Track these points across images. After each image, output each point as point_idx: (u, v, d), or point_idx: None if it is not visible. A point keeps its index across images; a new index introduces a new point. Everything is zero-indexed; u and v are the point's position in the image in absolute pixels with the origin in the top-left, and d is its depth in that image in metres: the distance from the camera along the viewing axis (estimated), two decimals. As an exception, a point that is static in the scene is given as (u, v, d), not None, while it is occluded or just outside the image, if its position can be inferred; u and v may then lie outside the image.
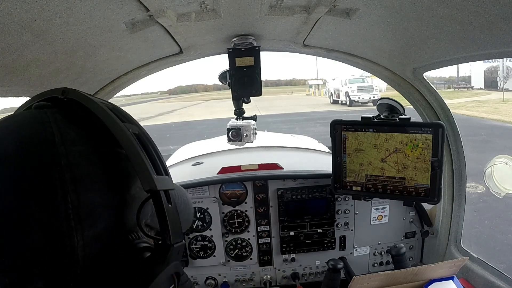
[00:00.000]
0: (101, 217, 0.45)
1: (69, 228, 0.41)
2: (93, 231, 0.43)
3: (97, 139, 0.47)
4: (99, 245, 0.44)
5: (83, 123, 0.47)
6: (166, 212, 0.46)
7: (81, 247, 0.42)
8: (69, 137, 0.44)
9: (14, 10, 0.71)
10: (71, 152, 0.43)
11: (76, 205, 0.42)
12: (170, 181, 0.50)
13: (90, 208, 0.43)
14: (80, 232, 0.42)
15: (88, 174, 0.44)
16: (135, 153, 0.45)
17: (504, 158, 1.46)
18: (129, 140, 0.46)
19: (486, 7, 0.81)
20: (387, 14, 1.01)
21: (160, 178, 0.47)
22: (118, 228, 0.47)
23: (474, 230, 4.55)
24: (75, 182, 0.42)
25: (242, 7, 1.06)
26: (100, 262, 0.44)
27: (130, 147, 0.46)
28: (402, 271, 1.23)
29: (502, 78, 25.68)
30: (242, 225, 1.80)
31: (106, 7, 0.84)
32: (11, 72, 0.93)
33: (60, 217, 0.41)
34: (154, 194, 0.46)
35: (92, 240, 0.43)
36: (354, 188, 1.53)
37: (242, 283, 1.86)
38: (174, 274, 0.49)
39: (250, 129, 1.65)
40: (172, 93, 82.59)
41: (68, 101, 0.49)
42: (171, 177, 0.52)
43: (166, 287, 0.47)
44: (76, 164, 0.43)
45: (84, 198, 0.43)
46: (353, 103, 21.89)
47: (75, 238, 0.42)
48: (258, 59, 1.45)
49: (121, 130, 0.46)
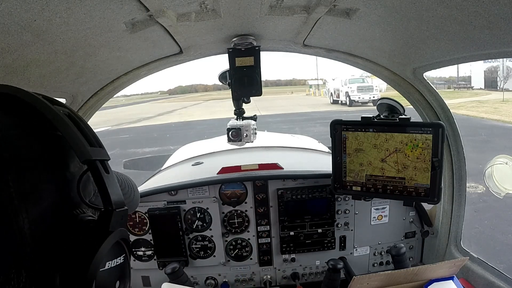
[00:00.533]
0: (44, 194, 0.46)
1: (13, 207, 0.42)
2: (37, 208, 0.44)
3: (32, 124, 0.49)
4: (46, 223, 0.45)
5: (18, 112, 0.49)
6: (104, 179, 0.48)
7: (27, 225, 0.43)
8: (4, 123, 0.46)
9: (14, 10, 0.71)
10: (8, 136, 0.45)
11: (17, 184, 0.43)
12: (106, 153, 0.53)
13: (32, 186, 0.45)
14: (25, 210, 0.43)
15: (26, 154, 0.46)
16: (67, 129, 0.48)
17: (504, 158, 1.46)
18: (60, 118, 0.49)
19: (486, 7, 0.81)
20: (387, 14, 1.01)
21: (94, 149, 0.49)
22: (62, 205, 0.48)
23: (474, 230, 4.55)
24: (14, 162, 0.44)
25: (242, 7, 1.06)
26: (48, 239, 0.45)
27: (62, 124, 0.48)
28: (402, 271, 1.23)
29: (502, 78, 25.70)
30: (242, 225, 1.80)
31: (106, 7, 0.84)
32: (11, 72, 0.93)
33: (3, 196, 0.42)
34: (90, 164, 0.48)
35: (38, 218, 0.44)
36: (354, 188, 1.53)
37: (242, 283, 1.86)
38: (122, 241, 0.50)
39: (250, 129, 1.65)
40: (172, 93, 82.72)
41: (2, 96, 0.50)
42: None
43: (115, 255, 0.49)
44: (13, 146, 0.45)
45: (25, 177, 0.44)
46: (353, 103, 21.91)
47: (20, 216, 0.42)
48: (258, 59, 1.45)
49: (52, 111, 0.49)
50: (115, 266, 0.49)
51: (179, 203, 1.74)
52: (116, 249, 0.49)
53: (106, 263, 0.47)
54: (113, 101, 35.31)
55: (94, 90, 1.49)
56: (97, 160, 0.49)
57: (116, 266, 0.49)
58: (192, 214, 1.76)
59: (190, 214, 1.76)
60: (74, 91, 1.35)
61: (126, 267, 0.52)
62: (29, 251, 0.43)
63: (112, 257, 0.48)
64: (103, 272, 0.46)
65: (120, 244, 0.50)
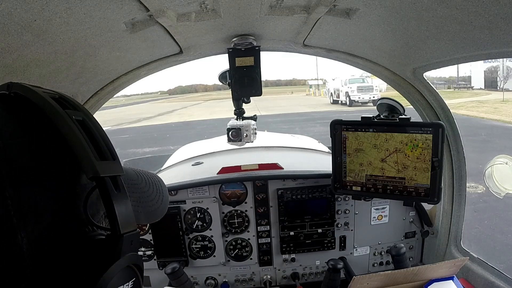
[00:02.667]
0: (46, 211, 0.42)
1: (11, 225, 0.39)
2: (38, 226, 0.41)
3: (39, 130, 0.45)
4: (47, 242, 0.42)
5: (25, 116, 0.45)
6: (113, 199, 0.44)
7: (26, 245, 0.40)
8: (7, 130, 0.42)
9: (14, 10, 0.71)
10: (9, 145, 0.41)
11: (16, 201, 0.39)
12: (118, 166, 0.47)
13: (33, 202, 0.41)
14: (24, 229, 0.40)
15: (28, 167, 0.42)
16: (74, 138, 0.43)
17: (504, 158, 1.46)
18: (67, 125, 0.44)
19: (486, 7, 0.81)
20: (387, 14, 1.01)
21: (104, 164, 0.45)
22: (69, 222, 0.45)
23: (474, 230, 4.55)
24: (14, 177, 0.40)
25: (242, 7, 1.06)
26: (50, 260, 0.42)
27: (69, 133, 0.44)
28: (402, 271, 1.23)
29: (502, 78, 25.69)
30: (242, 225, 1.80)
31: (106, 7, 0.84)
32: (11, 72, 0.93)
33: (0, 213, 0.39)
34: (98, 181, 0.44)
35: (38, 237, 0.41)
36: (354, 188, 1.53)
37: (242, 283, 1.86)
38: (134, 266, 0.46)
39: (250, 129, 1.65)
40: (172, 93, 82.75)
41: (14, 95, 0.47)
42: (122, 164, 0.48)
43: (124, 281, 0.45)
44: (14, 157, 0.41)
45: (25, 193, 0.40)
46: (353, 103, 21.90)
47: (19, 235, 0.39)
48: (258, 59, 1.45)
49: (60, 116, 0.44)
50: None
51: (179, 203, 1.74)
52: (126, 274, 0.45)
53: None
54: (113, 101, 35.30)
55: (94, 90, 1.48)
56: (106, 177, 0.44)
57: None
58: (192, 214, 1.76)
59: (190, 214, 1.76)
60: (74, 91, 1.35)
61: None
62: (28, 273, 0.40)
63: (120, 283, 0.44)
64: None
65: (131, 269, 0.46)
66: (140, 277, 0.48)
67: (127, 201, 0.46)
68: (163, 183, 0.71)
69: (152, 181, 0.67)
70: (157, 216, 0.67)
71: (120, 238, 0.43)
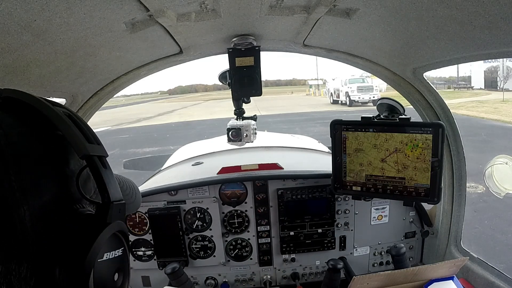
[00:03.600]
0: (45, 189, 0.48)
1: (15, 199, 0.44)
2: (38, 202, 0.46)
3: (34, 123, 0.51)
4: (46, 216, 0.47)
5: (20, 113, 0.51)
6: (102, 173, 0.50)
7: (29, 217, 0.45)
8: (7, 122, 0.48)
9: (14, 10, 0.71)
10: (10, 133, 0.47)
11: (19, 178, 0.45)
12: (103, 150, 0.55)
13: (34, 180, 0.46)
14: (26, 203, 0.44)
15: (28, 150, 0.48)
16: (66, 127, 0.50)
17: (504, 158, 1.46)
18: (60, 117, 0.51)
19: (486, 7, 0.81)
20: (387, 14, 1.01)
21: (92, 146, 0.52)
22: (62, 199, 0.50)
23: (474, 230, 4.55)
24: (16, 158, 0.45)
25: (242, 7, 1.06)
26: (49, 232, 0.47)
27: (61, 123, 0.51)
28: (402, 271, 1.23)
29: (502, 78, 25.69)
30: (242, 225, 1.80)
31: (106, 7, 0.84)
32: (11, 72, 0.93)
33: (5, 189, 0.43)
34: (88, 160, 0.50)
35: (38, 211, 0.46)
36: (354, 188, 1.53)
37: (242, 283, 1.86)
38: (120, 234, 0.51)
39: (250, 129, 1.65)
40: (172, 93, 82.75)
41: (4, 99, 0.52)
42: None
43: (113, 247, 0.50)
44: (16, 142, 0.47)
45: (27, 172, 0.46)
46: (353, 103, 21.90)
47: (22, 208, 0.44)
48: (258, 59, 1.45)
49: (52, 111, 0.51)
50: (114, 258, 0.50)
51: (179, 203, 1.74)
52: (115, 242, 0.50)
53: (104, 254, 0.48)
54: (113, 101, 35.31)
55: (94, 90, 1.49)
56: (95, 155, 0.51)
57: (115, 258, 0.50)
58: (192, 214, 1.76)
59: (190, 214, 1.76)
60: (74, 91, 1.35)
61: (125, 260, 0.53)
62: (30, 243, 0.45)
63: (110, 249, 0.49)
64: (101, 263, 0.47)
65: (118, 237, 0.51)
66: (127, 247, 0.54)
67: (113, 176, 0.53)
68: (136, 185, 0.85)
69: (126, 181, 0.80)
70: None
71: (110, 204, 0.50)
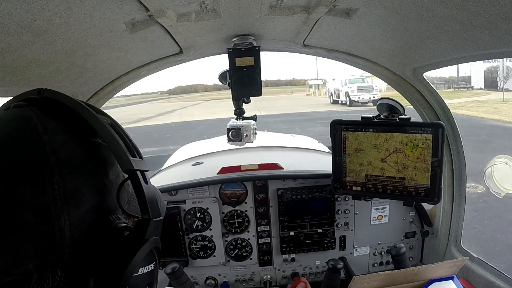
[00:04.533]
0: (84, 198, 0.47)
1: (57, 208, 0.44)
2: (78, 211, 0.46)
3: (75, 130, 0.50)
4: (84, 226, 0.47)
5: (61, 117, 0.50)
6: (144, 189, 0.50)
7: (68, 227, 0.44)
8: (50, 127, 0.47)
9: (14, 10, 0.71)
10: (54, 140, 0.46)
11: (61, 187, 0.44)
12: (145, 164, 0.54)
13: (75, 189, 0.46)
14: (67, 212, 0.44)
15: (70, 159, 0.47)
16: (112, 139, 0.49)
17: (504, 158, 1.46)
18: (105, 127, 0.50)
19: (486, 7, 0.81)
20: (387, 14, 1.01)
21: (135, 160, 0.51)
22: (100, 210, 0.50)
23: (474, 230, 4.55)
24: (59, 166, 0.45)
25: (242, 7, 1.06)
26: (86, 242, 0.47)
27: (107, 134, 0.50)
28: (402, 271, 1.23)
29: (502, 78, 25.69)
30: (242, 225, 1.80)
31: (106, 7, 0.84)
32: (11, 72, 0.93)
33: (48, 198, 0.43)
34: (131, 174, 0.50)
35: (77, 221, 0.46)
36: (354, 188, 1.53)
37: (242, 283, 1.86)
38: (154, 249, 0.52)
39: (250, 129, 1.65)
40: (172, 93, 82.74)
41: (44, 100, 0.52)
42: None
43: (147, 263, 0.50)
44: (59, 150, 0.46)
45: (69, 180, 0.46)
46: (353, 103, 21.90)
47: (62, 217, 0.44)
48: (258, 59, 1.45)
49: (97, 120, 0.50)
50: (147, 273, 0.50)
51: (179, 203, 1.74)
52: (149, 257, 0.50)
53: (139, 269, 0.48)
54: (113, 101, 35.26)
55: (94, 90, 1.48)
56: (138, 170, 0.50)
57: (148, 273, 0.50)
58: (192, 214, 1.76)
59: (190, 214, 1.76)
60: (74, 91, 1.35)
61: (155, 274, 0.54)
62: (66, 252, 0.45)
63: (145, 264, 0.49)
64: (135, 277, 0.48)
65: (152, 252, 0.51)
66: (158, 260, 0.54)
67: (154, 192, 0.53)
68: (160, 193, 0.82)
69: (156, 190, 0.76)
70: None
71: (150, 222, 0.49)
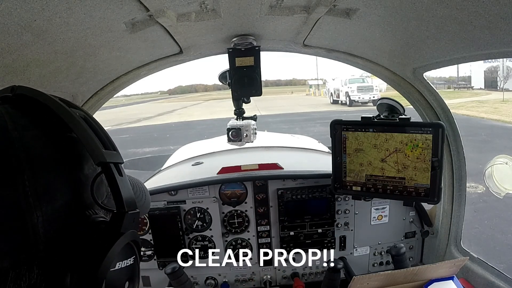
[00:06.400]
0: (58, 194, 0.47)
1: (28, 204, 0.43)
2: (51, 207, 0.45)
3: (48, 125, 0.50)
4: (59, 222, 0.46)
5: (34, 112, 0.50)
6: (118, 181, 0.49)
7: (41, 223, 0.44)
8: (21, 124, 0.47)
9: (14, 10, 0.71)
10: (24, 136, 0.46)
11: (33, 183, 0.44)
12: (119, 156, 0.54)
13: (47, 185, 0.46)
14: (39, 208, 0.44)
15: (42, 154, 0.47)
16: (83, 131, 0.49)
17: (504, 158, 1.46)
18: (76, 120, 0.49)
19: (486, 7, 0.81)
20: (387, 14, 1.01)
21: (109, 153, 0.50)
22: (75, 205, 0.49)
23: (474, 230, 4.55)
24: (30, 162, 0.45)
25: (242, 7, 1.06)
26: (61, 238, 0.46)
27: (78, 127, 0.49)
28: (402, 271, 1.23)
29: (502, 78, 25.68)
30: (242, 225, 1.80)
31: (106, 7, 0.84)
32: (11, 72, 0.93)
33: (19, 194, 0.43)
34: (104, 166, 0.49)
35: (51, 217, 0.45)
36: (354, 188, 1.53)
37: (242, 283, 1.86)
38: (132, 243, 0.51)
39: (250, 129, 1.65)
40: (172, 93, 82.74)
41: (17, 97, 0.51)
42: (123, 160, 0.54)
43: (125, 257, 0.49)
44: (30, 146, 0.46)
45: (40, 176, 0.45)
46: (353, 103, 21.90)
47: (35, 213, 0.44)
48: (258, 59, 1.45)
49: (68, 113, 0.49)
50: (125, 267, 0.49)
51: (179, 203, 1.74)
52: (127, 251, 0.50)
53: (117, 263, 0.47)
54: (113, 101, 35.26)
55: (94, 90, 1.49)
56: (111, 162, 0.50)
57: (126, 267, 0.50)
58: (192, 214, 1.76)
59: (190, 214, 1.76)
60: (74, 91, 1.35)
61: (136, 269, 0.53)
62: (41, 249, 0.44)
63: (122, 258, 0.49)
64: (113, 272, 0.47)
65: (131, 246, 0.51)
66: (138, 255, 0.53)
67: (129, 184, 0.52)
68: (145, 186, 0.81)
69: (136, 183, 0.77)
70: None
71: (125, 214, 0.49)
